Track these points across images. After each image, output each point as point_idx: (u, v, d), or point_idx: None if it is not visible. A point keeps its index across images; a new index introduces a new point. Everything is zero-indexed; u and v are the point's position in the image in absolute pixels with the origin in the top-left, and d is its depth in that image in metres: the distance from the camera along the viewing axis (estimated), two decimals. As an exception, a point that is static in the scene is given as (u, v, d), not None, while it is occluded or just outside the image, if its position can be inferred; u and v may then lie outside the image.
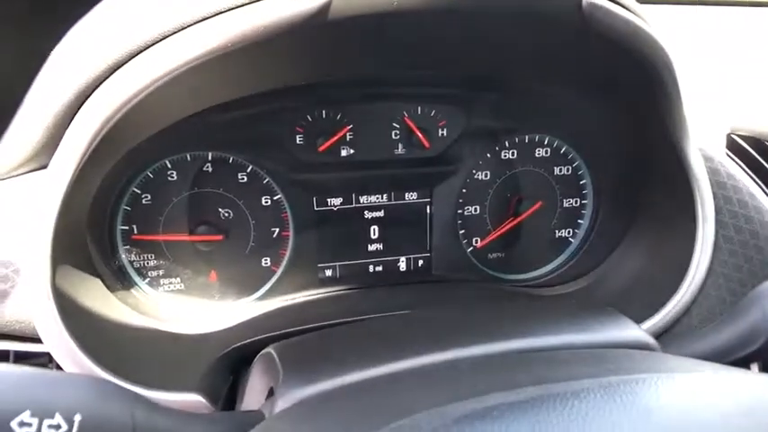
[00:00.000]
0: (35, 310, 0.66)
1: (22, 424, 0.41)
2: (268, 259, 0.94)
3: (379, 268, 0.99)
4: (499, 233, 1.01)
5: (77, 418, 0.43)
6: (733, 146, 0.93)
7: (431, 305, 0.93)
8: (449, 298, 0.96)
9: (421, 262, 1.01)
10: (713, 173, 0.84)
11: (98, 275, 0.81)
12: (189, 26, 0.61)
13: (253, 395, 0.65)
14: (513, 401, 0.36)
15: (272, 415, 0.51)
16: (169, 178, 0.88)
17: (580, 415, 0.34)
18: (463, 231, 1.01)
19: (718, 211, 0.84)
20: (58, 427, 0.42)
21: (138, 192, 0.87)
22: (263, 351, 0.65)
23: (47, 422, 0.42)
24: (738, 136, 0.94)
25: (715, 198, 0.83)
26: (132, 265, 0.89)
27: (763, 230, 0.82)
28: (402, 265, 1.00)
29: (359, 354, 0.56)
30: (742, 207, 0.83)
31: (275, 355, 0.60)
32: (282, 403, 0.52)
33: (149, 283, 0.90)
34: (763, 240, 0.82)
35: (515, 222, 1.01)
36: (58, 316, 0.65)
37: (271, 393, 0.58)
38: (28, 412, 0.42)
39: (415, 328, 0.64)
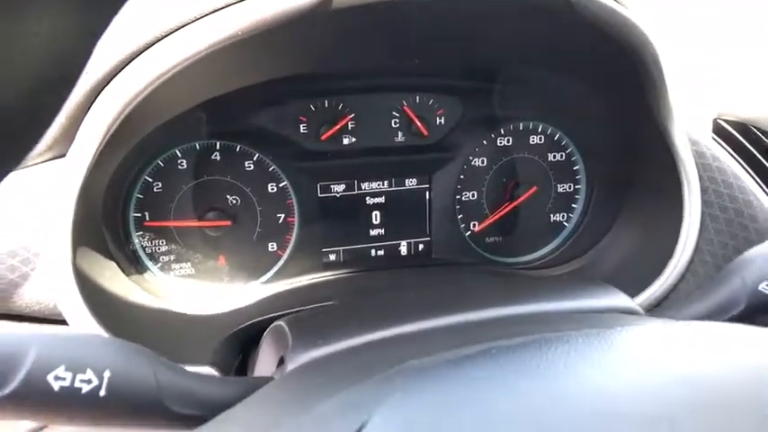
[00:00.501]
0: (57, 287, 0.70)
1: (57, 378, 0.45)
2: (274, 244, 0.98)
3: (381, 252, 1.03)
4: (496, 217, 1.05)
5: (107, 374, 0.47)
6: (719, 130, 0.97)
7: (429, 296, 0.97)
8: (448, 280, 1.00)
9: (421, 246, 1.04)
10: (699, 155, 0.88)
11: (113, 260, 0.85)
12: (200, 18, 0.65)
13: (264, 365, 0.69)
14: (504, 345, 0.40)
15: (282, 375, 0.55)
16: (179, 167, 0.91)
17: (564, 355, 0.38)
18: (461, 216, 1.05)
19: (704, 191, 0.87)
20: (90, 381, 0.46)
21: (150, 180, 0.91)
22: (273, 324, 0.69)
23: (79, 376, 0.46)
24: (724, 121, 0.98)
25: (701, 179, 0.87)
26: (145, 251, 0.93)
27: (747, 209, 0.86)
28: (403, 249, 1.04)
29: (363, 321, 0.59)
30: (727, 187, 0.87)
31: (285, 326, 0.64)
32: (292, 367, 0.55)
33: (161, 268, 0.94)
34: (747, 219, 0.86)
35: (511, 207, 1.05)
36: (79, 293, 0.69)
37: (281, 363, 0.62)
38: (62, 367, 0.46)
39: (415, 298, 0.68)
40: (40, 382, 0.45)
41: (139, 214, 0.91)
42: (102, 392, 0.47)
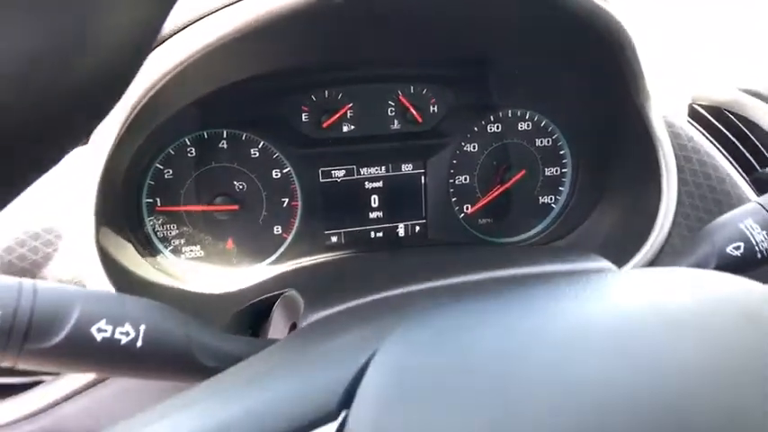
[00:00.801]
0: (82, 265, 0.75)
1: (99, 330, 0.51)
2: (279, 227, 1.04)
3: (380, 234, 1.09)
4: (488, 200, 1.11)
5: (142, 327, 0.53)
6: (694, 114, 1.04)
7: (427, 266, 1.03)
8: (443, 259, 1.06)
9: (417, 228, 1.10)
10: (675, 136, 0.94)
11: (129, 242, 0.90)
12: (216, 11, 0.71)
13: (276, 334, 0.74)
14: (487, 292, 0.46)
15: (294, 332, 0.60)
16: (188, 154, 0.97)
17: (542, 299, 0.44)
18: (455, 199, 1.11)
19: (680, 170, 0.94)
20: (128, 334, 0.52)
21: (161, 167, 0.96)
22: (284, 294, 0.74)
23: (119, 329, 0.52)
24: (698, 105, 1.04)
25: (677, 158, 0.93)
26: (156, 235, 0.98)
27: (720, 185, 0.92)
28: (401, 231, 1.10)
29: (371, 285, 0.65)
30: (701, 166, 0.94)
31: (297, 293, 0.70)
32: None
33: (172, 251, 0.99)
34: (719, 194, 0.92)
35: (502, 190, 1.11)
36: (103, 270, 0.75)
37: (293, 328, 0.67)
38: (104, 320, 0.51)
39: (415, 267, 0.74)
40: (85, 332, 0.50)
41: (151, 200, 0.96)
42: (139, 343, 0.52)
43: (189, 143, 0.97)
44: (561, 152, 1.13)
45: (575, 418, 0.32)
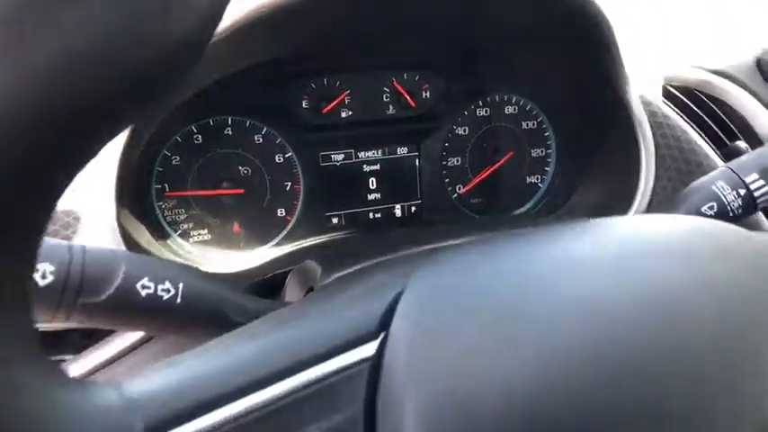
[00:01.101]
0: (103, 242, 0.79)
1: (143, 286, 0.56)
2: (283, 210, 1.08)
3: (378, 215, 1.14)
4: (478, 180, 1.17)
5: (181, 285, 0.58)
6: (668, 94, 1.12)
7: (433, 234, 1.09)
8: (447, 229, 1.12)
9: (413, 208, 1.16)
10: (651, 115, 1.02)
11: (142, 225, 0.94)
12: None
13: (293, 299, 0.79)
14: (504, 237, 0.52)
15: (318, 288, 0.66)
16: (195, 141, 1.01)
17: (551, 238, 0.50)
18: (448, 180, 1.17)
19: (656, 146, 1.01)
20: (168, 291, 0.57)
21: (169, 154, 1.00)
22: (300, 264, 0.79)
23: (160, 286, 0.56)
24: (672, 86, 1.12)
25: (654, 136, 1.01)
26: (165, 219, 1.02)
27: (693, 157, 1.00)
28: (397, 212, 1.15)
29: (381, 249, 0.71)
30: (676, 141, 1.01)
31: (313, 261, 0.75)
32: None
33: (180, 235, 1.03)
34: (693, 165, 1.00)
35: (492, 170, 1.17)
36: (124, 247, 0.79)
37: (309, 291, 0.72)
38: (147, 278, 0.56)
39: (418, 234, 0.80)
40: (131, 288, 0.55)
41: (160, 186, 1.00)
42: (178, 300, 0.57)
43: (195, 130, 1.01)
44: (546, 134, 1.20)
45: (590, 330, 0.38)
